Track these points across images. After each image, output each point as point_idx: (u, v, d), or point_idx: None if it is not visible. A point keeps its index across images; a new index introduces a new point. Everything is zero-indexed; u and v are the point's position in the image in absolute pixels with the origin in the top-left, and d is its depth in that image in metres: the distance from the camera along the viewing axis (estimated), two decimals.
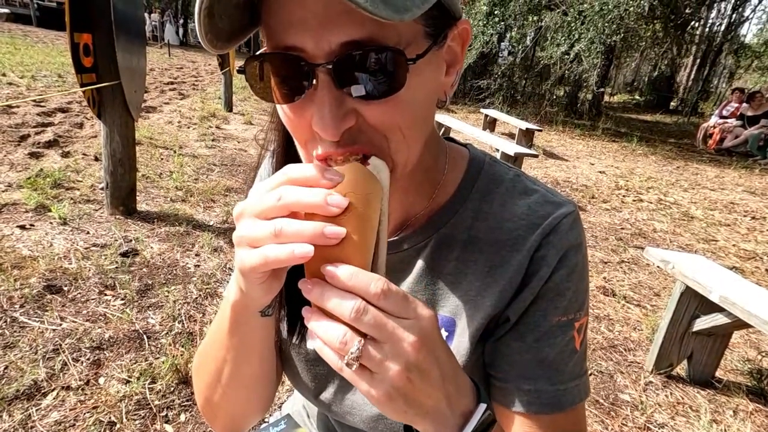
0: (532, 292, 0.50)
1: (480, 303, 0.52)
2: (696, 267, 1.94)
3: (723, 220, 4.68)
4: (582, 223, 0.53)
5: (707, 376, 2.03)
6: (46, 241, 2.49)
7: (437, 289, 0.54)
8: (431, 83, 0.42)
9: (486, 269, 0.52)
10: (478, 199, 0.54)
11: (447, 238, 0.54)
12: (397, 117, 0.40)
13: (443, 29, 0.41)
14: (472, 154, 0.57)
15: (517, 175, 0.55)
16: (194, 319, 2.08)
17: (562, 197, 0.54)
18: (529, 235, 0.51)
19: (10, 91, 5.89)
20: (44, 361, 1.65)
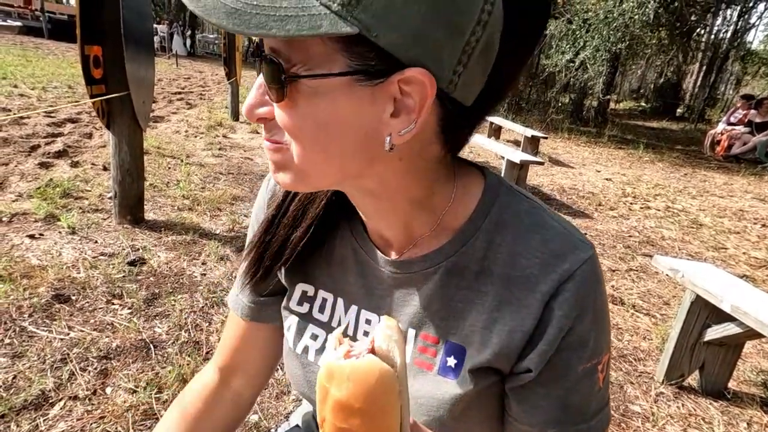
0: (550, 345, 0.49)
1: (487, 337, 0.51)
2: (706, 275, 1.92)
3: (732, 228, 4.63)
4: (599, 263, 0.52)
5: (719, 387, 1.99)
6: (54, 251, 2.51)
7: (447, 316, 0.54)
8: (347, 111, 0.41)
9: (495, 303, 0.51)
10: (492, 230, 0.52)
11: (458, 267, 0.53)
12: (288, 122, 0.42)
13: (378, 71, 0.39)
14: (487, 180, 0.55)
15: (534, 207, 0.53)
16: (200, 329, 2.08)
17: (579, 236, 0.52)
18: (543, 277, 0.49)
19: (21, 102, 5.99)
20: (52, 371, 1.66)
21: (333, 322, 0.61)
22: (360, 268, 0.59)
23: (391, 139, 0.42)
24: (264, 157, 5.53)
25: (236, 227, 3.23)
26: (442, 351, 0.53)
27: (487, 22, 0.39)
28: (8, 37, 15.06)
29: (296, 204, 0.59)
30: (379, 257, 0.57)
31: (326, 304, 0.61)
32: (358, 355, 0.35)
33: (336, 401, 0.35)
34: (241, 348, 0.70)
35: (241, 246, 2.94)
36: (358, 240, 0.59)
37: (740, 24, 15.87)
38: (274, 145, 0.46)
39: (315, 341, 0.61)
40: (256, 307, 0.68)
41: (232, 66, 7.03)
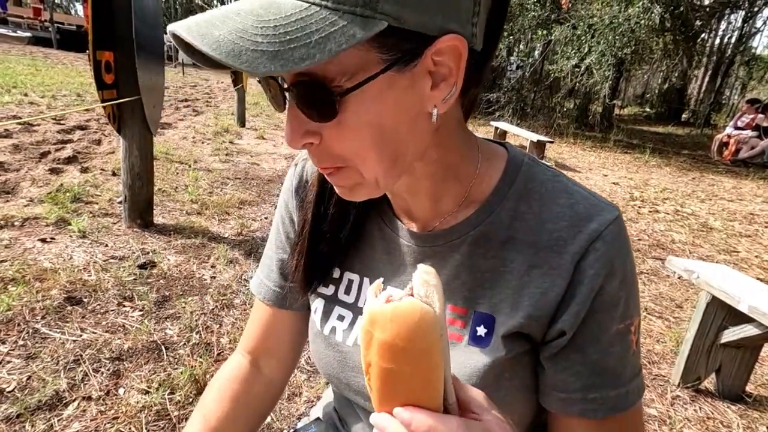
0: (583, 304, 0.49)
1: (518, 301, 0.51)
2: (722, 276, 1.89)
3: (743, 231, 4.58)
4: (625, 225, 0.52)
5: (737, 390, 1.96)
6: (66, 254, 2.52)
7: (475, 286, 0.54)
8: (394, 103, 0.41)
9: (524, 268, 0.51)
10: (516, 199, 0.53)
11: (484, 237, 0.53)
12: (347, 140, 0.42)
13: (411, 53, 0.39)
14: (510, 153, 0.56)
15: (557, 175, 0.54)
16: (211, 330, 2.07)
17: (604, 200, 0.52)
18: (572, 239, 0.49)
19: (31, 110, 6.07)
20: (65, 372, 1.65)
21: (360, 302, 0.61)
22: (385, 244, 0.59)
23: (438, 110, 0.43)
24: (270, 162, 5.59)
25: (244, 231, 3.23)
26: (471, 321, 0.53)
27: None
28: (18, 48, 15.30)
29: (335, 206, 0.60)
30: (404, 232, 0.58)
31: (353, 285, 0.62)
32: (398, 300, 0.36)
33: (381, 343, 0.35)
34: (269, 333, 0.70)
35: (249, 249, 2.95)
36: (383, 217, 0.60)
37: (745, 29, 15.86)
38: (337, 171, 0.46)
39: (342, 321, 0.61)
40: (281, 293, 0.68)
41: (239, 73, 7.09)
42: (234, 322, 2.16)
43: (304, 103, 0.41)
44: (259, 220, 3.50)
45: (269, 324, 0.70)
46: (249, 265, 2.75)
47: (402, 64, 0.39)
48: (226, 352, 1.94)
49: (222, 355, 1.91)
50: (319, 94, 0.39)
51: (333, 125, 0.41)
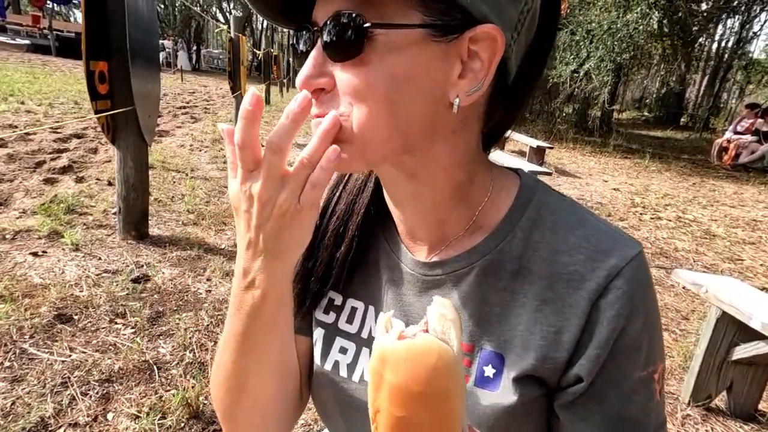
0: (602, 347, 0.44)
1: (530, 340, 0.47)
2: (731, 290, 1.84)
3: (747, 239, 4.54)
4: (648, 262, 0.47)
5: (749, 408, 1.90)
6: (57, 268, 2.46)
7: (482, 321, 0.49)
8: (420, 68, 0.40)
9: (536, 304, 0.47)
10: (529, 228, 0.49)
11: (493, 267, 0.49)
12: (360, 81, 0.40)
13: (452, 26, 0.40)
14: (523, 179, 0.52)
15: (573, 205, 0.51)
16: (205, 348, 2.01)
17: (624, 234, 0.48)
18: (589, 274, 0.45)
19: (28, 118, 6.02)
20: (52, 396, 1.59)
21: (363, 332, 0.56)
22: (390, 272, 0.56)
23: (460, 101, 0.42)
24: None
25: None
26: (478, 360, 0.49)
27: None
28: (17, 55, 15.30)
29: (336, 221, 0.57)
30: (409, 259, 0.54)
31: (355, 314, 0.58)
32: (412, 336, 0.32)
33: (393, 386, 0.31)
34: None
35: None
36: (389, 242, 0.57)
37: (743, 33, 15.92)
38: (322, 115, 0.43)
39: (345, 355, 0.57)
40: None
41: (237, 80, 7.06)
42: None
43: (334, 38, 0.40)
44: None
45: None
46: None
47: (439, 32, 0.39)
48: None
49: None
50: (350, 27, 0.39)
51: (352, 66, 0.40)
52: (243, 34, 7.83)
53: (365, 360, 0.55)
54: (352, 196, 0.57)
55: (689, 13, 8.58)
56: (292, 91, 19.53)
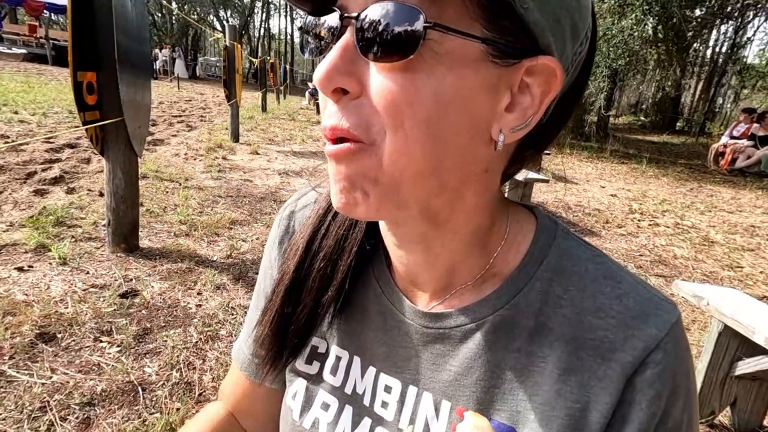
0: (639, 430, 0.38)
1: (549, 416, 0.40)
2: (734, 303, 1.79)
3: (746, 245, 4.50)
4: (684, 326, 0.41)
5: (754, 424, 1.84)
6: (43, 284, 2.40)
7: (492, 388, 0.42)
8: (471, 91, 0.34)
9: (558, 372, 0.40)
10: (548, 279, 0.42)
11: (507, 323, 0.42)
12: (402, 93, 0.33)
13: (514, 49, 0.34)
14: (540, 221, 0.46)
15: (598, 255, 0.44)
16: (193, 366, 1.95)
17: (659, 293, 0.42)
18: (622, 343, 0.39)
19: (21, 128, 5.97)
20: (29, 422, 1.52)
21: (347, 387, 0.50)
22: (382, 319, 0.48)
23: (504, 136, 0.36)
24: (263, 179, 5.49)
25: (234, 253, 3.12)
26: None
27: (588, 40, 0.39)
28: (13, 65, 15.29)
29: (323, 260, 0.49)
30: (406, 307, 0.47)
31: (340, 364, 0.51)
32: None
33: None
34: (247, 402, 0.61)
35: (238, 274, 2.83)
36: (380, 284, 0.49)
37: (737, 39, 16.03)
38: (353, 146, 0.35)
39: (326, 412, 0.50)
40: (257, 363, 0.57)
41: (233, 88, 7.04)
42: (218, 357, 2.04)
43: (378, 30, 0.32)
44: (249, 241, 3.39)
45: (246, 393, 0.61)
46: (237, 291, 2.64)
47: (500, 53, 0.34)
48: (208, 391, 1.81)
49: (203, 396, 1.79)
50: (404, 20, 0.31)
51: (395, 70, 0.33)
52: (239, 42, 7.82)
53: (347, 419, 0.49)
54: (342, 229, 0.50)
55: (683, 19, 8.62)
56: (289, 98, 19.53)
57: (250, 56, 18.43)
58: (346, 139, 0.35)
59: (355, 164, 0.35)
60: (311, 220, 0.51)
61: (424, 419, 0.45)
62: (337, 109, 0.35)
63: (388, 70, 0.33)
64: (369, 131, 0.34)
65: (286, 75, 19.37)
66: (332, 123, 0.35)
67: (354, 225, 0.50)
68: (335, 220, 0.50)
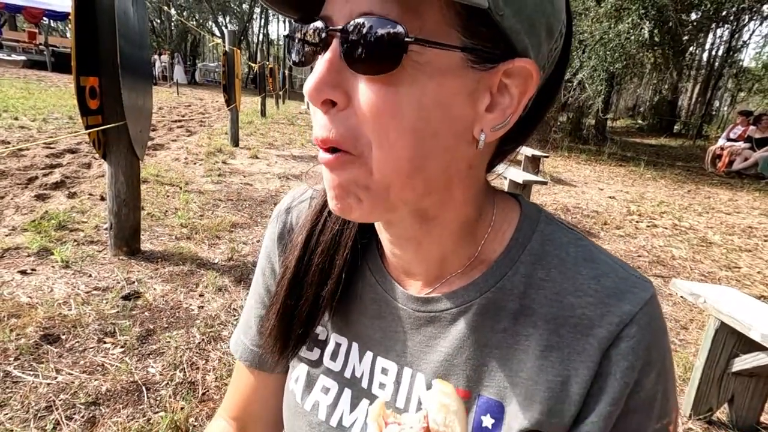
0: (616, 404, 0.41)
1: (533, 390, 0.43)
2: (730, 301, 1.81)
3: (743, 246, 4.53)
4: (660, 304, 0.44)
5: (752, 421, 1.86)
6: (46, 287, 2.42)
7: (481, 366, 0.45)
8: (452, 96, 0.36)
9: (540, 349, 0.43)
10: (532, 263, 0.45)
11: (493, 305, 0.45)
12: (387, 104, 0.35)
13: (492, 54, 0.36)
14: (524, 208, 0.49)
15: (579, 239, 0.47)
16: (196, 367, 1.97)
17: (635, 272, 0.44)
18: (599, 319, 0.41)
19: (21, 134, 5.99)
20: (35, 421, 1.54)
21: (346, 371, 0.52)
22: (377, 307, 0.51)
23: (485, 135, 0.38)
24: (263, 182, 5.52)
25: (235, 256, 3.14)
26: (475, 408, 0.45)
27: (562, 36, 0.40)
28: (13, 71, 15.33)
29: (321, 255, 0.52)
30: (399, 293, 0.50)
31: (339, 350, 0.53)
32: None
33: None
34: (251, 398, 0.63)
35: (240, 275, 2.85)
36: (375, 274, 0.52)
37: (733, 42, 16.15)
38: (344, 156, 0.37)
39: (326, 395, 0.53)
40: (260, 353, 0.60)
41: (232, 93, 7.08)
42: (221, 357, 2.05)
43: (363, 45, 0.34)
44: (250, 243, 3.41)
45: (251, 388, 0.62)
46: (239, 292, 2.65)
47: (478, 58, 0.36)
48: (211, 391, 1.83)
49: (207, 395, 1.80)
50: (387, 35, 0.33)
51: (379, 82, 0.35)
52: (238, 48, 7.87)
53: (345, 402, 0.51)
54: (338, 226, 0.52)
55: (679, 23, 8.70)
56: (288, 102, 19.60)
57: (249, 61, 18.51)
58: (337, 149, 0.37)
59: (346, 173, 0.38)
60: (308, 218, 0.54)
61: (417, 398, 0.48)
62: (327, 120, 0.37)
63: (373, 82, 0.35)
64: (357, 143, 0.36)
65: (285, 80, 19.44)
66: (323, 135, 0.37)
67: (348, 222, 0.52)
68: (330, 217, 0.53)
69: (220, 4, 30.07)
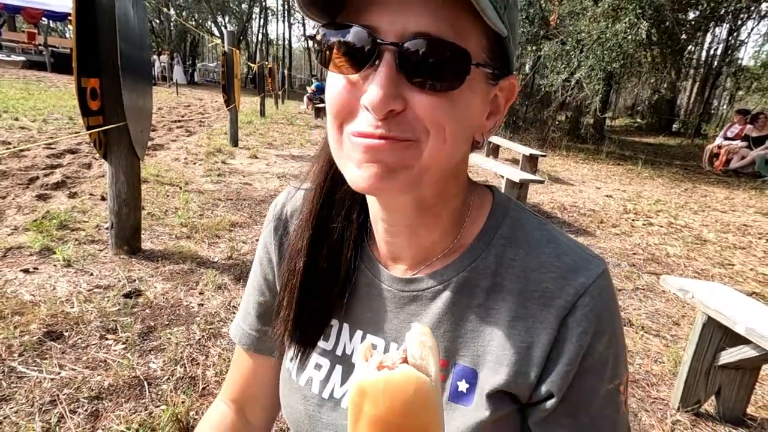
0: (571, 364, 0.47)
1: (502, 356, 0.49)
2: (717, 296, 1.86)
3: (737, 243, 4.57)
4: (611, 278, 0.50)
5: (738, 413, 1.91)
6: (49, 285, 2.46)
7: (457, 337, 0.51)
8: (476, 107, 0.44)
9: (509, 320, 0.49)
10: (503, 245, 0.52)
11: (468, 283, 0.51)
12: (444, 114, 0.41)
13: (498, 71, 0.44)
14: (496, 197, 0.56)
15: (543, 223, 0.54)
16: (197, 362, 2.01)
17: (590, 252, 0.51)
18: (559, 292, 0.47)
19: (21, 135, 6.03)
20: (40, 414, 1.58)
21: (337, 349, 0.58)
22: (367, 290, 0.57)
23: (485, 137, 0.48)
24: (262, 182, 5.55)
25: (235, 254, 3.18)
26: (452, 375, 0.51)
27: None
28: (12, 72, 15.35)
29: (326, 260, 0.56)
30: (386, 276, 0.56)
31: (331, 331, 0.59)
32: (391, 366, 0.33)
33: (372, 418, 0.32)
34: (250, 380, 0.68)
35: (239, 274, 2.89)
36: (364, 261, 0.58)
37: (731, 41, 16.17)
38: (403, 142, 0.41)
39: (319, 371, 0.58)
40: (258, 337, 0.66)
41: (231, 93, 7.11)
42: (221, 353, 2.09)
43: (426, 64, 0.38)
44: (249, 242, 3.45)
45: (249, 370, 0.68)
46: (238, 290, 2.70)
47: (493, 76, 0.44)
48: (212, 385, 1.87)
49: (207, 389, 1.85)
50: (454, 58, 0.39)
51: (435, 99, 0.40)
52: (237, 48, 7.91)
53: (337, 377, 0.57)
54: (338, 231, 0.56)
55: (676, 22, 8.73)
56: (287, 102, 19.62)
57: (248, 61, 18.53)
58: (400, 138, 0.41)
59: (397, 155, 0.41)
60: (304, 222, 0.57)
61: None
62: (383, 123, 0.40)
63: (433, 96, 0.40)
64: (414, 132, 0.41)
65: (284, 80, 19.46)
66: (380, 132, 0.40)
67: (348, 225, 0.57)
68: (329, 219, 0.57)
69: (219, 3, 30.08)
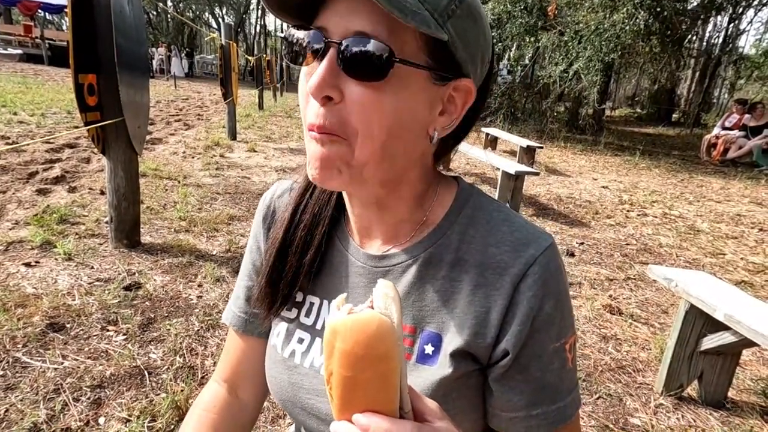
0: (523, 324, 0.53)
1: (464, 320, 0.55)
2: (700, 284, 1.91)
3: (730, 233, 4.62)
4: (559, 251, 0.57)
5: (719, 396, 1.97)
6: (50, 278, 2.52)
7: (424, 306, 0.57)
8: (418, 104, 0.49)
9: (470, 288, 0.56)
10: (465, 224, 0.58)
11: (434, 258, 0.58)
12: (372, 105, 0.46)
13: (446, 73, 0.49)
14: (461, 185, 0.63)
15: (500, 206, 0.61)
16: (196, 353, 2.07)
17: (540, 229, 0.59)
18: (512, 262, 0.54)
19: (20, 129, 6.06)
20: (45, 402, 1.65)
21: (318, 324, 0.64)
22: (344, 267, 0.63)
23: (437, 133, 0.52)
24: (260, 176, 5.59)
25: (233, 248, 3.23)
26: (420, 340, 0.57)
27: (490, 60, 0.55)
28: (9, 65, 15.30)
29: (303, 230, 0.64)
30: (360, 254, 0.62)
31: (313, 308, 0.65)
32: (359, 312, 0.39)
33: (341, 352, 0.38)
34: (240, 359, 0.74)
35: (237, 266, 2.94)
36: (341, 241, 0.64)
37: (731, 30, 16.08)
38: (332, 137, 0.48)
39: (301, 344, 0.64)
40: (246, 318, 0.72)
41: (229, 86, 7.12)
42: (219, 344, 2.16)
43: (357, 58, 0.44)
44: (247, 235, 3.49)
45: (240, 350, 0.73)
46: (236, 282, 2.75)
47: (437, 77, 0.48)
48: (210, 374, 1.93)
49: (206, 378, 1.91)
50: (379, 54, 0.44)
51: (369, 87, 0.45)
52: (235, 41, 7.89)
53: (317, 349, 0.63)
54: (317, 206, 0.65)
55: (675, 12, 8.70)
56: (285, 95, 19.57)
57: (246, 54, 18.45)
58: (329, 133, 0.48)
59: (334, 148, 0.48)
60: (293, 198, 0.66)
61: None
62: (324, 111, 0.47)
63: (363, 86, 0.46)
64: (346, 129, 0.47)
65: (282, 72, 19.38)
66: (319, 122, 0.47)
67: (326, 203, 0.65)
68: (312, 198, 0.66)
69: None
